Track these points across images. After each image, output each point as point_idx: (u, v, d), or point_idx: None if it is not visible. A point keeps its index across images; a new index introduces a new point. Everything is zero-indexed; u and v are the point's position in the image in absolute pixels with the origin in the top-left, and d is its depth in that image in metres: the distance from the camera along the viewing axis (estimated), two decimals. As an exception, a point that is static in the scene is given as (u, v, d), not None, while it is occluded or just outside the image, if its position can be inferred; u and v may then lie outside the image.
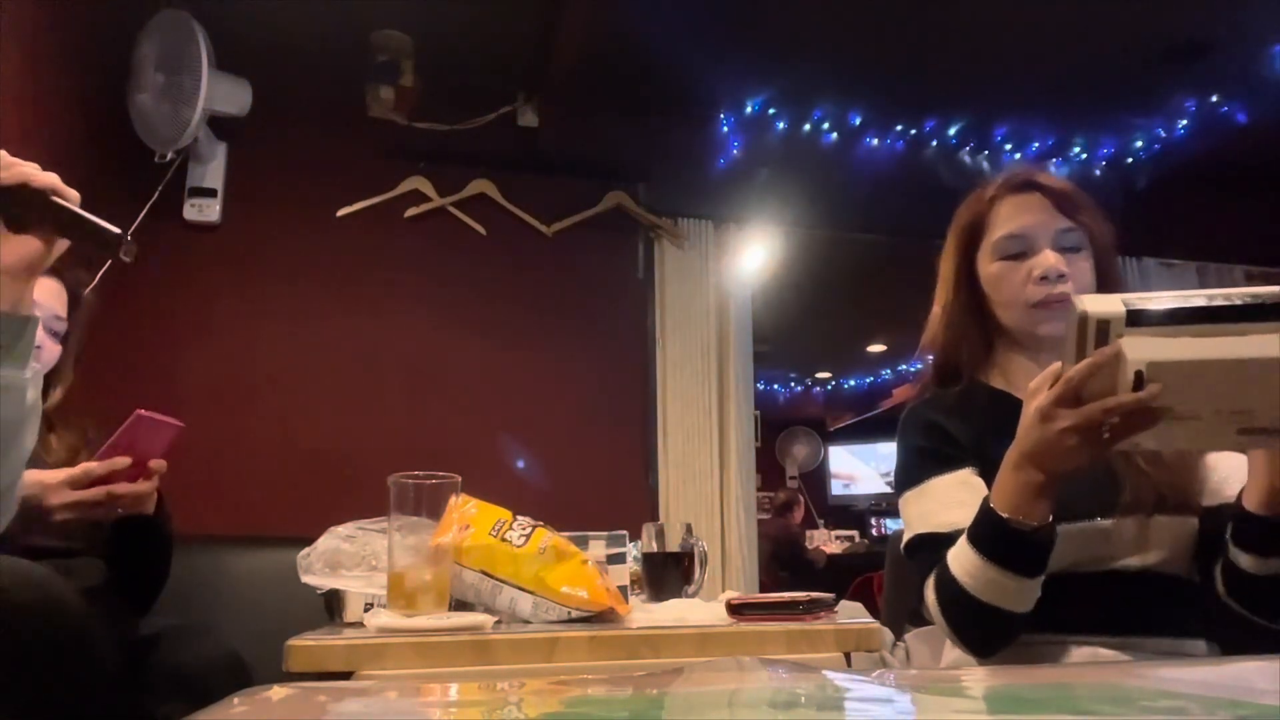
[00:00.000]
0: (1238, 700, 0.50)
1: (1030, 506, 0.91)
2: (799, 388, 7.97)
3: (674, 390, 3.12)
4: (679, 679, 0.57)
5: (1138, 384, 0.78)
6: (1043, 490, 0.90)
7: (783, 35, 2.91)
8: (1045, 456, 0.88)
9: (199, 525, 1.95)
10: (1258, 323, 0.76)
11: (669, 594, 1.32)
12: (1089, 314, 0.79)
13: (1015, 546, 0.93)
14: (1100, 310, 0.79)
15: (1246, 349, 0.76)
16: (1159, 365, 0.78)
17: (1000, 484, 0.94)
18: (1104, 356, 0.79)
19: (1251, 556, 0.97)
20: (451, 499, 1.05)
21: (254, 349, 2.79)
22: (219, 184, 2.81)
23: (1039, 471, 0.89)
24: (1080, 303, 0.80)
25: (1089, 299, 0.80)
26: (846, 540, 7.40)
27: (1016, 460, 0.91)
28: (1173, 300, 0.78)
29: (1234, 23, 2.86)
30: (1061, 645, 1.05)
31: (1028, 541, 0.92)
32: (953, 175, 3.55)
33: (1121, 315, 0.78)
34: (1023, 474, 0.91)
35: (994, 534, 0.94)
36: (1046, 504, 0.92)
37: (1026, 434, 0.89)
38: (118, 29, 2.57)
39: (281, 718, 0.51)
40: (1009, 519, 0.92)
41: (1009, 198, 1.18)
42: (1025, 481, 0.91)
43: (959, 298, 1.21)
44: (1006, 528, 0.92)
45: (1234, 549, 0.99)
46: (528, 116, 3.12)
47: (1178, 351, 0.77)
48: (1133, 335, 0.78)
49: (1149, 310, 0.78)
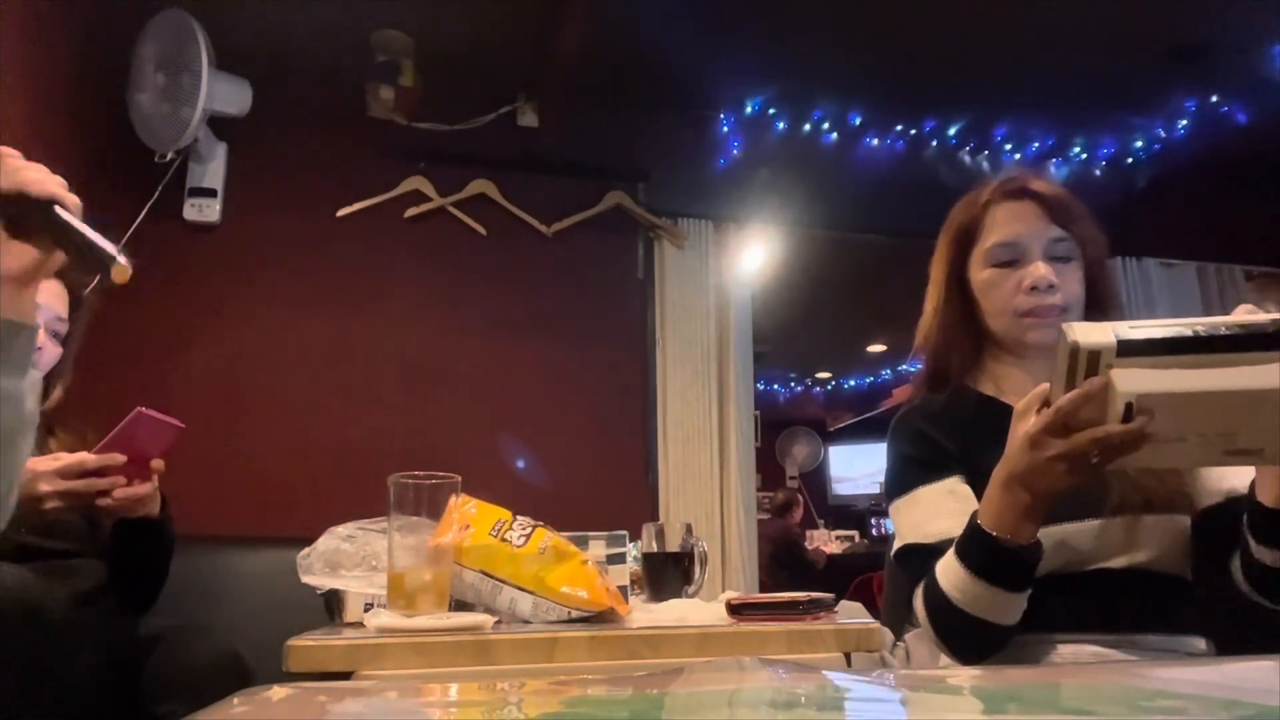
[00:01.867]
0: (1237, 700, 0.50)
1: (1018, 526, 0.93)
2: (799, 388, 7.97)
3: (674, 390, 3.11)
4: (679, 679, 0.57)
5: (1127, 415, 0.79)
6: (1030, 510, 0.92)
7: (783, 36, 2.91)
8: (1034, 480, 0.89)
9: (199, 525, 1.94)
10: (1246, 353, 0.77)
11: (669, 594, 1.32)
12: (1080, 345, 0.80)
13: (1002, 563, 0.95)
14: (1092, 341, 0.79)
15: (1235, 380, 0.77)
16: (1149, 396, 0.79)
17: (988, 502, 0.95)
18: (1094, 388, 0.80)
19: (1274, 551, 0.97)
20: (451, 499, 1.05)
21: (254, 349, 2.79)
22: (219, 184, 2.81)
23: (1026, 493, 0.91)
24: (1071, 332, 0.81)
25: (1080, 329, 0.81)
26: (846, 540, 7.40)
27: (1004, 481, 0.92)
28: (1163, 330, 0.79)
29: (1234, 23, 2.86)
30: (1051, 644, 1.06)
31: (1014, 558, 0.94)
32: (953, 175, 3.55)
33: (1112, 346, 0.79)
34: (1010, 494, 0.92)
35: (981, 550, 0.95)
36: (1033, 524, 0.93)
37: (1015, 458, 0.90)
38: (118, 29, 2.57)
39: (281, 718, 0.51)
40: (997, 537, 0.94)
41: (1002, 204, 1.18)
42: (1013, 502, 0.92)
43: (950, 303, 1.21)
44: (994, 545, 0.94)
45: (1255, 544, 0.98)
46: (528, 116, 3.12)
47: (1167, 383, 0.78)
48: (1123, 366, 0.79)
49: (1139, 341, 0.79)
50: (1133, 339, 0.79)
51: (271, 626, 1.06)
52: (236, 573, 2.12)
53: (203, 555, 2.04)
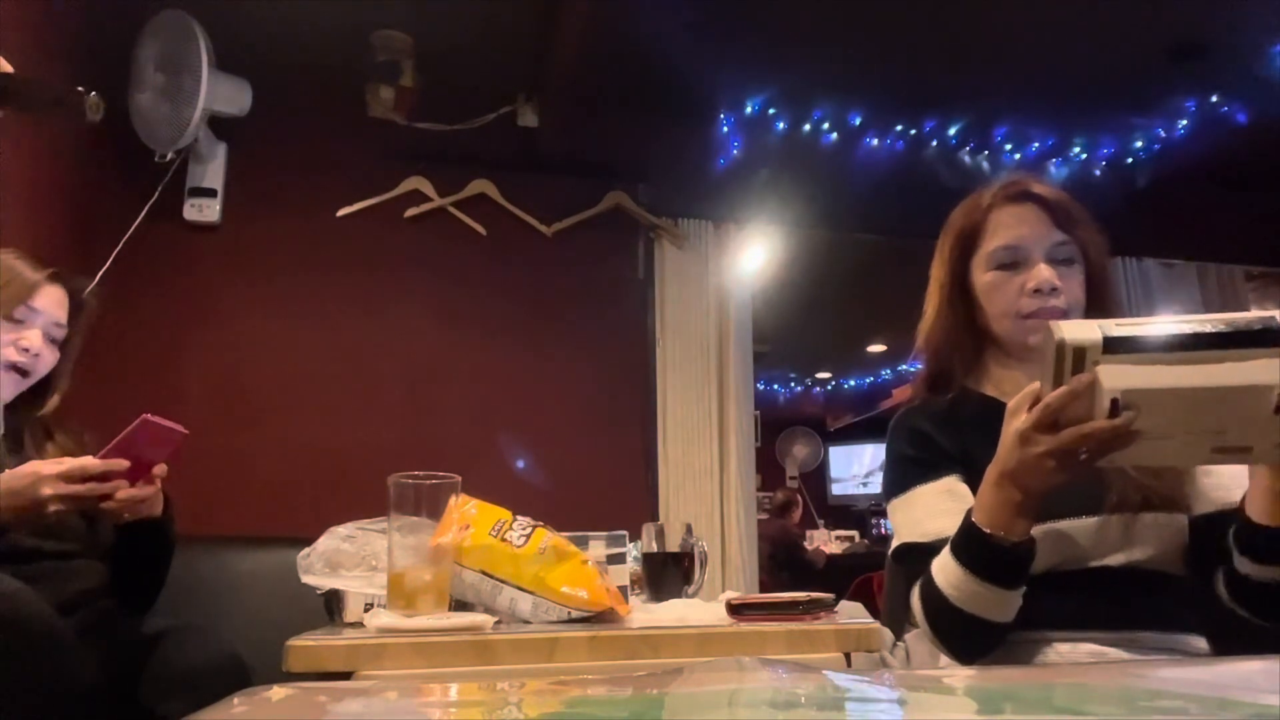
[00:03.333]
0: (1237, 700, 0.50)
1: (1010, 523, 0.94)
2: (799, 388, 7.97)
3: (674, 390, 3.11)
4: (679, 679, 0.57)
5: (1114, 410, 0.80)
6: (1022, 508, 0.93)
7: (783, 35, 2.91)
8: (1024, 477, 0.90)
9: (199, 525, 1.95)
10: (1232, 350, 0.78)
11: (669, 594, 1.32)
12: (1066, 341, 0.80)
13: (996, 560, 0.96)
14: (1077, 337, 0.80)
15: (1221, 376, 0.78)
16: (1134, 392, 0.79)
17: (981, 499, 0.96)
18: (1080, 384, 0.81)
19: (1256, 564, 0.98)
20: (451, 499, 1.05)
21: (254, 349, 2.79)
22: (219, 184, 2.80)
23: (1018, 490, 0.91)
24: (1058, 330, 0.81)
25: (1067, 326, 0.81)
26: (846, 540, 7.40)
27: (996, 479, 0.93)
28: (1149, 327, 0.80)
29: (1234, 23, 2.86)
30: (1048, 641, 1.06)
31: (1008, 556, 0.95)
32: (952, 175, 3.55)
33: (1098, 343, 0.80)
34: (1003, 492, 0.93)
35: (976, 548, 0.96)
36: (1026, 520, 0.94)
37: (1006, 454, 0.91)
38: (118, 29, 2.57)
39: (281, 718, 0.51)
40: (990, 534, 0.94)
41: (1005, 207, 1.19)
42: (1005, 499, 0.93)
43: (952, 304, 1.22)
44: (988, 542, 0.95)
45: (1238, 556, 1.00)
46: (528, 116, 3.12)
47: (1153, 379, 0.79)
48: (1109, 362, 0.80)
49: (1125, 338, 0.79)
50: (1119, 336, 0.79)
51: (271, 626, 1.06)
52: (236, 573, 2.12)
53: (203, 555, 2.04)
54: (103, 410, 1.54)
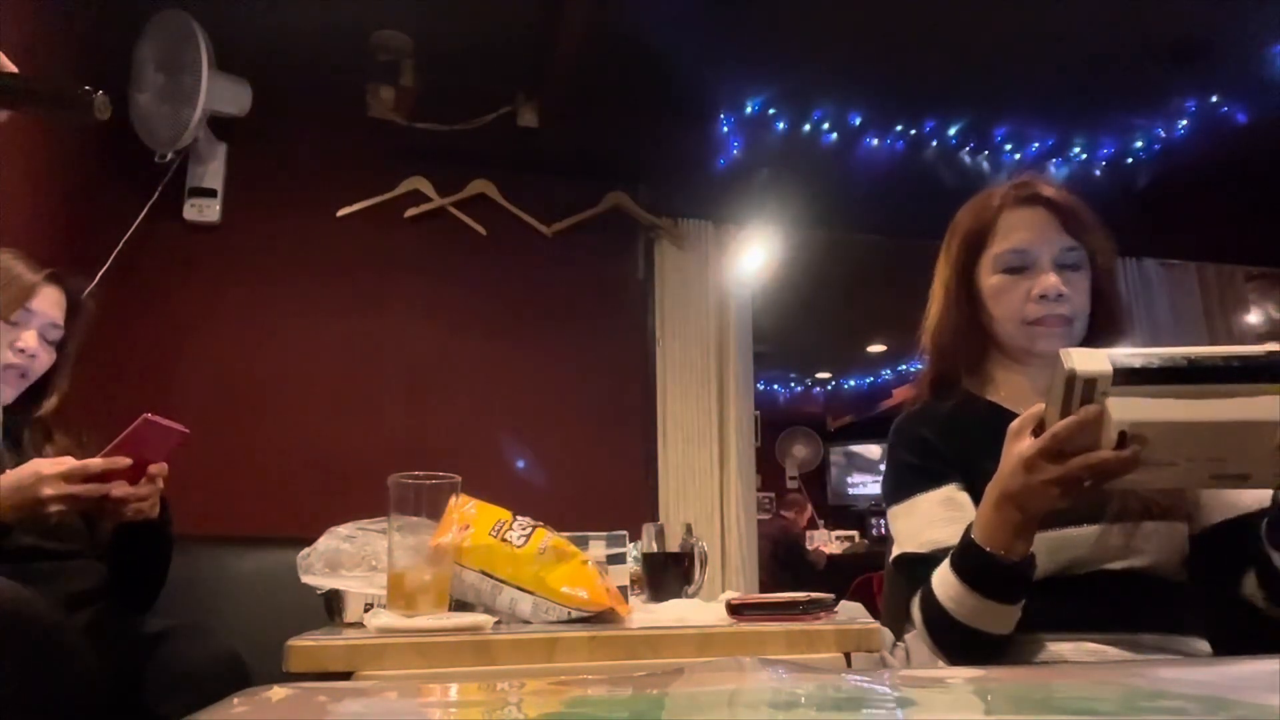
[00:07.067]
0: (1237, 700, 0.50)
1: (1010, 543, 0.94)
2: (799, 388, 7.97)
3: (674, 390, 3.11)
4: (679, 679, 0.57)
5: (1121, 442, 0.80)
6: (1022, 529, 0.93)
7: (783, 35, 2.91)
8: (1026, 501, 0.90)
9: (199, 525, 1.94)
10: (1242, 384, 0.78)
11: (669, 594, 1.32)
12: (1077, 372, 0.80)
13: (996, 577, 0.96)
14: (1088, 369, 0.80)
15: (1229, 411, 0.78)
16: (1143, 425, 0.80)
17: (982, 518, 0.96)
18: (1090, 415, 0.81)
19: None
20: (451, 499, 1.05)
21: (254, 349, 2.79)
22: (219, 184, 2.80)
23: (1019, 512, 0.91)
24: (1069, 359, 0.81)
25: (1078, 355, 0.81)
26: (846, 540, 7.40)
27: (998, 500, 0.92)
28: (1159, 359, 0.80)
29: (1234, 23, 2.86)
30: (1048, 642, 1.06)
31: (1008, 573, 0.95)
32: (953, 175, 3.55)
33: (1109, 375, 0.80)
34: (1003, 513, 0.92)
35: (975, 564, 0.96)
36: (1026, 540, 0.94)
37: (1009, 479, 0.90)
38: (118, 29, 2.57)
39: (281, 718, 0.51)
40: (990, 552, 0.94)
41: (1015, 209, 1.17)
42: (1005, 520, 0.93)
43: (957, 305, 1.21)
44: (987, 560, 0.95)
45: (1275, 554, 0.98)
46: (528, 116, 3.12)
47: (1162, 412, 0.79)
48: (1118, 394, 0.80)
49: (1135, 369, 0.79)
50: (1129, 368, 0.80)
51: (271, 626, 1.06)
52: (236, 573, 2.12)
53: (203, 555, 2.04)
54: (103, 410, 1.54)
